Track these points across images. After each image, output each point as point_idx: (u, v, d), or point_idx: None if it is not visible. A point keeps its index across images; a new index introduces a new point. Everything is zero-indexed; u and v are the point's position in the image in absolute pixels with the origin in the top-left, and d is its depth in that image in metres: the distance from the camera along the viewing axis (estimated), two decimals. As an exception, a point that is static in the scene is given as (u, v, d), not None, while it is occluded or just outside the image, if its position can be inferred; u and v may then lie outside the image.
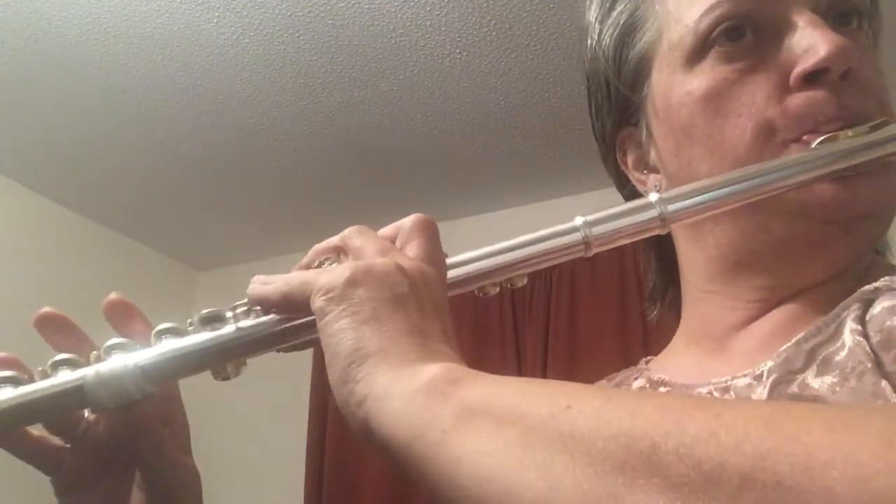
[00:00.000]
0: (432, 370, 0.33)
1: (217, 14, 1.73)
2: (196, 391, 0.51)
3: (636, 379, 0.55)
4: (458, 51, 1.85)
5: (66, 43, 1.81)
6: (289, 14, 1.73)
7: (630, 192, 0.58)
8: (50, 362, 0.43)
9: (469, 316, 2.32)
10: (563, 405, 0.29)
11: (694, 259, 0.53)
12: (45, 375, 0.43)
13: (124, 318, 0.46)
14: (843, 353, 0.38)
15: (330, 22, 1.75)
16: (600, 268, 2.19)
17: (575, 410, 0.29)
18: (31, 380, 0.43)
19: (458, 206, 2.55)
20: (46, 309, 0.46)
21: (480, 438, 0.30)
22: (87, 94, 1.99)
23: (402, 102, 2.03)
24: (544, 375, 2.19)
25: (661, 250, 0.59)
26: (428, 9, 1.72)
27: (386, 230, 0.45)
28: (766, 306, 0.49)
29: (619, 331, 2.10)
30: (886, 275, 0.42)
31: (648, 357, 0.60)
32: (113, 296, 0.47)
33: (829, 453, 0.23)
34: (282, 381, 2.30)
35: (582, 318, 2.21)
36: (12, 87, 1.95)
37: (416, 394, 0.32)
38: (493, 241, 0.46)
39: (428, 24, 1.76)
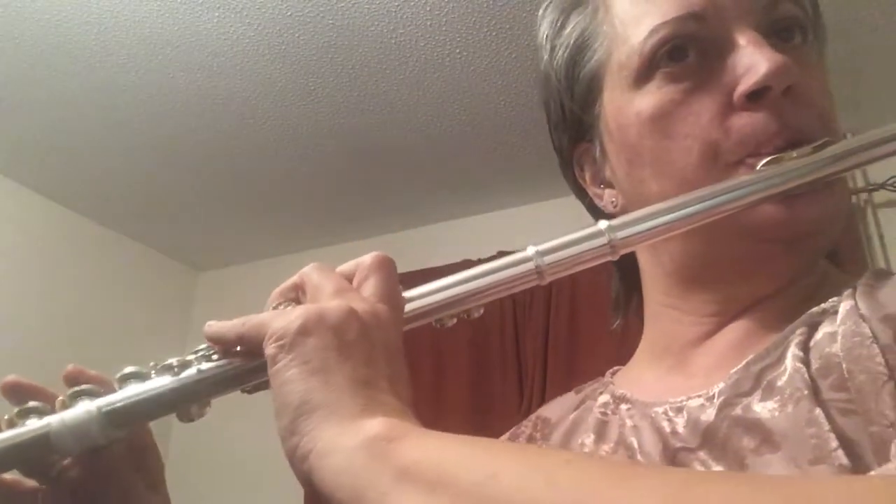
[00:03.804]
0: (373, 426, 0.34)
1: (217, 14, 1.73)
2: None
3: (601, 394, 0.56)
4: (458, 51, 1.85)
5: (66, 43, 1.81)
6: (289, 14, 1.73)
7: (589, 204, 0.59)
8: (16, 410, 0.44)
9: (469, 320, 2.31)
10: (490, 473, 0.31)
11: (653, 273, 0.55)
12: (12, 424, 0.44)
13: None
14: (784, 379, 0.39)
15: (330, 22, 1.75)
16: (600, 268, 2.18)
17: (498, 479, 0.30)
18: None
19: (457, 206, 2.55)
20: (8, 378, 0.47)
21: (415, 501, 0.31)
22: (87, 95, 1.99)
23: (402, 102, 2.03)
24: (544, 376, 2.19)
25: (624, 262, 0.60)
26: (428, 9, 1.72)
27: (345, 267, 0.46)
28: (721, 321, 0.50)
29: (618, 335, 2.09)
30: (838, 287, 0.43)
31: (616, 368, 0.61)
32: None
33: None
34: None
35: (582, 318, 2.21)
36: (12, 87, 1.95)
37: (356, 452, 0.34)
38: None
39: (428, 24, 1.76)
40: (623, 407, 0.52)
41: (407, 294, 0.45)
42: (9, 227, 2.34)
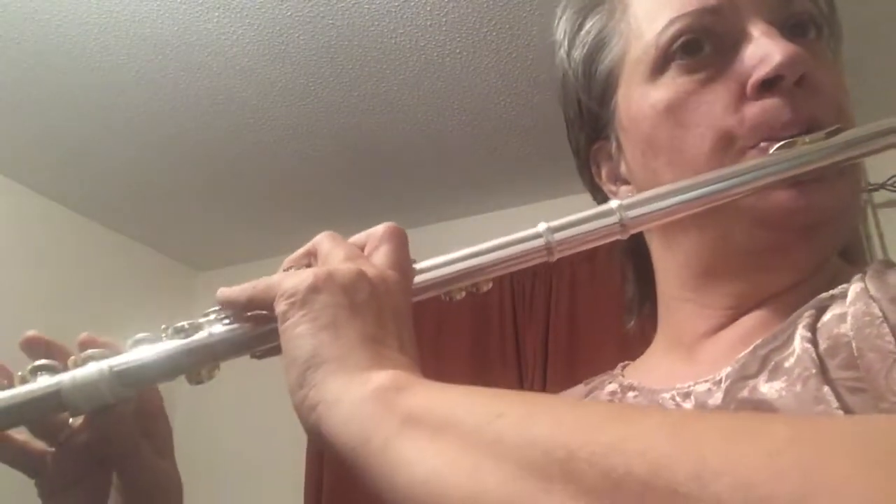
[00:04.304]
0: (381, 378, 0.35)
1: (217, 14, 1.73)
2: (196, 391, 0.51)
3: (609, 384, 0.57)
4: (458, 51, 1.85)
5: (66, 43, 1.81)
6: (289, 14, 1.73)
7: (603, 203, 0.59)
8: (29, 368, 0.45)
9: (469, 316, 2.32)
10: (496, 413, 0.31)
11: (667, 267, 0.55)
12: (24, 381, 0.45)
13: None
14: (792, 360, 0.40)
15: (330, 22, 1.75)
16: (600, 267, 2.19)
17: (504, 418, 0.30)
18: (11, 385, 0.45)
19: (457, 206, 2.55)
20: (27, 333, 0.48)
21: (419, 445, 0.32)
22: (87, 94, 1.99)
23: (402, 102, 2.03)
24: (544, 375, 2.20)
25: (638, 261, 0.60)
26: (428, 9, 1.72)
27: (357, 237, 0.46)
28: (735, 314, 0.50)
29: (618, 330, 2.09)
30: (850, 279, 0.43)
31: (625, 362, 0.61)
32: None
33: (721, 462, 0.24)
34: (281, 380, 2.29)
35: (582, 317, 2.21)
36: (12, 87, 1.95)
37: (364, 401, 0.34)
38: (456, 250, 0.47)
39: (428, 24, 1.76)
40: (630, 395, 0.53)
41: (418, 266, 0.46)
42: (9, 227, 2.34)
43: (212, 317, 0.45)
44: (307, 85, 1.96)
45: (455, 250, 0.47)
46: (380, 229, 0.45)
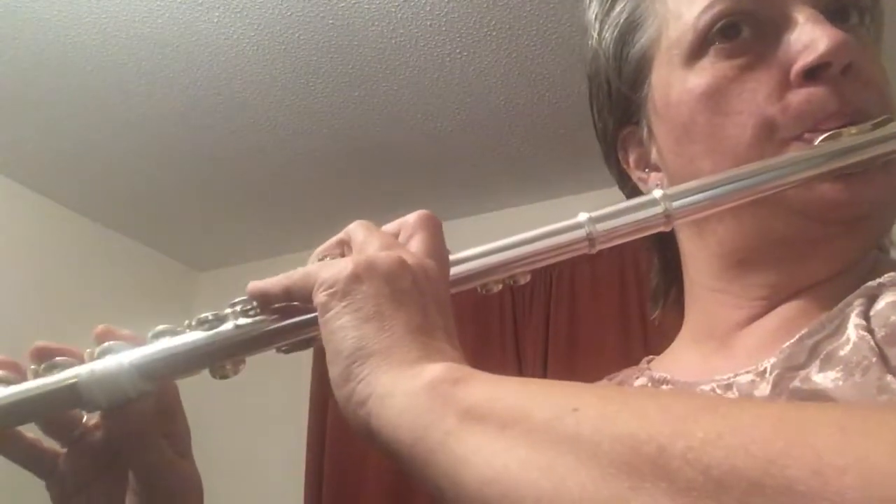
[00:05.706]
0: (435, 370, 0.33)
1: (217, 14, 1.73)
2: (196, 391, 0.51)
3: (637, 378, 0.55)
4: (458, 51, 1.85)
5: (66, 43, 1.81)
6: (289, 14, 1.73)
7: (631, 191, 0.58)
8: (43, 365, 0.43)
9: (469, 315, 2.31)
10: (570, 407, 0.28)
11: (698, 257, 0.53)
12: (38, 375, 0.42)
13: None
14: (847, 348, 0.38)
15: (330, 22, 1.75)
16: (600, 267, 2.19)
17: (581, 412, 0.28)
18: (24, 380, 0.42)
19: (457, 205, 2.55)
20: (36, 343, 0.45)
21: (484, 440, 0.29)
22: (87, 95, 1.99)
23: (402, 102, 2.03)
24: (544, 375, 2.19)
25: (663, 250, 0.59)
26: (428, 9, 1.72)
27: (390, 226, 0.45)
28: (770, 304, 0.48)
29: (619, 330, 2.10)
30: (891, 272, 0.42)
31: (650, 357, 0.59)
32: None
33: (842, 457, 0.22)
34: (282, 381, 2.29)
35: (582, 317, 2.21)
36: (12, 87, 1.95)
37: (418, 394, 0.32)
38: (493, 242, 0.45)
39: (428, 24, 1.76)
40: (664, 388, 0.51)
41: (453, 257, 0.44)
42: (9, 226, 2.34)
43: (238, 308, 0.42)
44: (307, 85, 1.96)
45: (490, 241, 0.44)
46: (413, 217, 0.44)
